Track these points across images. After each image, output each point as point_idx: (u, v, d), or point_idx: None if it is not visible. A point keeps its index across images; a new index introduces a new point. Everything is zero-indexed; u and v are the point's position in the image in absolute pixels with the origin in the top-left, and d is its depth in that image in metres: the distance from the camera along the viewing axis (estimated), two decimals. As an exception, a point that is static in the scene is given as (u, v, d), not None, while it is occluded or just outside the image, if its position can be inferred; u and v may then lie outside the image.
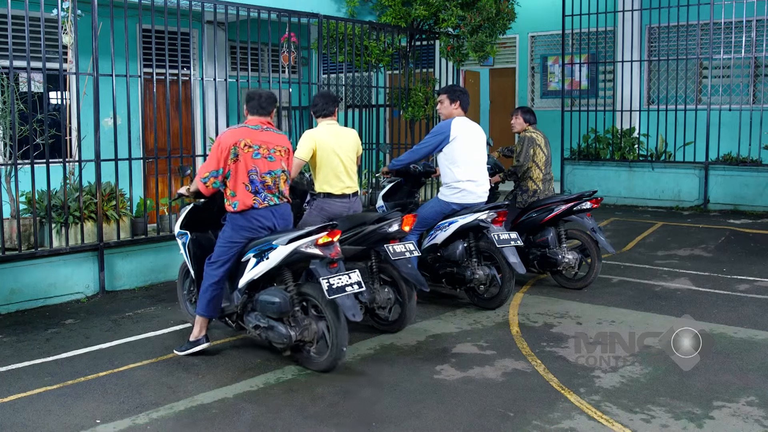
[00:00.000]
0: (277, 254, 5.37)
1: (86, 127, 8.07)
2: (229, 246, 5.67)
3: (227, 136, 5.60)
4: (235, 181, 5.56)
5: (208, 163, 5.62)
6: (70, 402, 5.04)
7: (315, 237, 5.35)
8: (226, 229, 5.70)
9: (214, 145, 5.61)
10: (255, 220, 5.60)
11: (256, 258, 5.52)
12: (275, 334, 5.46)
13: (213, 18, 9.22)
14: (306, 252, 5.34)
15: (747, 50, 12.63)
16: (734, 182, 12.49)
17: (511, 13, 11.81)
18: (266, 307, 5.45)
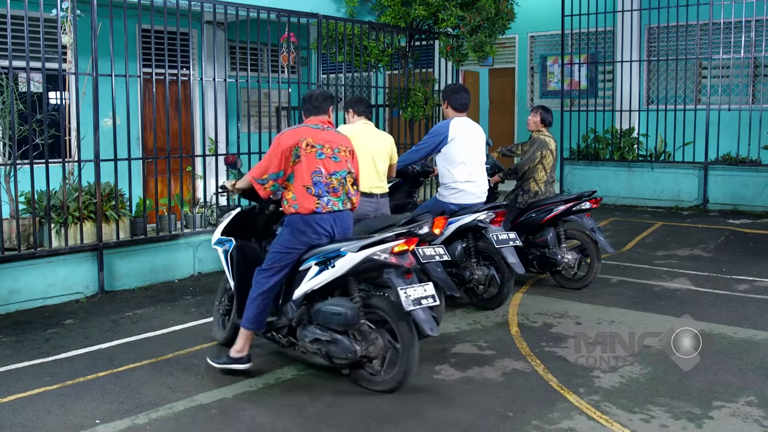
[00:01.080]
0: (346, 262, 4.98)
1: (85, 127, 8.07)
2: (287, 252, 5.24)
3: (288, 135, 5.21)
4: (297, 183, 5.16)
5: (265, 163, 5.21)
6: (70, 402, 5.04)
7: (391, 245, 4.96)
8: (283, 234, 5.29)
9: (273, 145, 5.23)
10: (317, 225, 5.18)
11: (318, 266, 5.10)
12: (339, 349, 5.00)
13: (212, 18, 9.23)
14: (380, 260, 4.96)
15: (746, 50, 12.63)
16: (733, 182, 12.49)
17: (510, 13, 11.82)
18: (330, 318, 5.02)
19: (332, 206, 5.21)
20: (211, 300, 7.59)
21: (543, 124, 8.12)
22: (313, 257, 5.17)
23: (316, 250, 5.18)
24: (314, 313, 5.18)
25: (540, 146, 7.96)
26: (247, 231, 5.91)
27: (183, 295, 7.89)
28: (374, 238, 5.03)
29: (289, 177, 5.20)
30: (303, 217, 5.17)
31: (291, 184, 5.19)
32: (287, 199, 5.22)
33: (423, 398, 4.94)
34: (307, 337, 5.20)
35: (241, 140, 9.21)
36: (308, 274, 5.16)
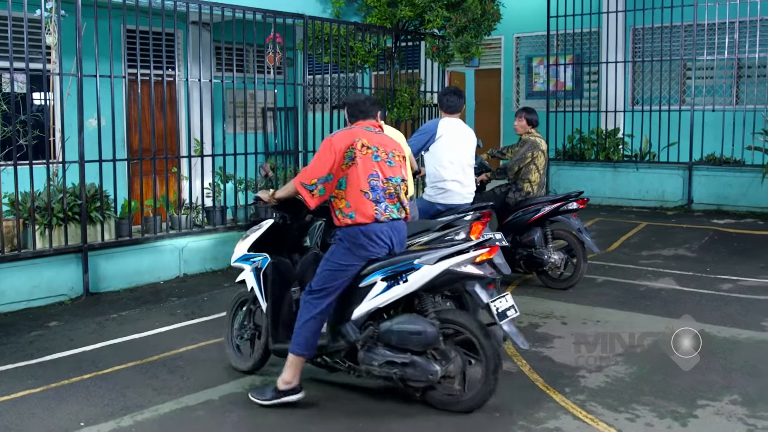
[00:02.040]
0: (421, 276, 4.56)
1: (70, 128, 8.03)
2: (343, 270, 4.72)
3: (341, 136, 4.78)
4: (351, 188, 4.69)
5: (314, 166, 4.74)
6: (54, 405, 5.00)
7: (473, 255, 4.60)
8: (338, 250, 4.75)
9: (322, 147, 4.77)
10: (377, 237, 4.71)
11: (386, 282, 4.64)
12: (418, 371, 4.56)
13: (198, 18, 9.19)
14: (461, 272, 4.60)
15: (730, 51, 12.71)
16: (717, 182, 12.57)
17: (496, 14, 11.85)
18: (408, 339, 4.57)
19: (390, 213, 4.76)
20: (197, 301, 7.59)
21: (531, 126, 8.14)
22: (378, 272, 4.69)
23: (378, 264, 4.71)
24: (383, 333, 4.67)
25: (531, 147, 7.98)
26: (277, 245, 5.36)
27: (168, 296, 7.86)
28: (451, 248, 4.66)
29: (341, 182, 4.71)
30: (362, 228, 4.68)
31: (343, 190, 4.71)
32: (340, 209, 4.73)
33: (410, 398, 4.93)
34: (376, 360, 4.68)
35: (227, 141, 9.18)
36: (372, 291, 4.68)
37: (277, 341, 5.13)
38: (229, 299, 7.58)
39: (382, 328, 4.70)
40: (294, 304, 5.14)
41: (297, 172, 10.04)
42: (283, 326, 5.13)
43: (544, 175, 8.13)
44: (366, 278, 4.72)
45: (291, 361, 4.81)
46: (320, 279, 4.76)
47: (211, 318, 7.05)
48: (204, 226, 9.03)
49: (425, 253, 4.64)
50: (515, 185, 8.08)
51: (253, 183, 9.75)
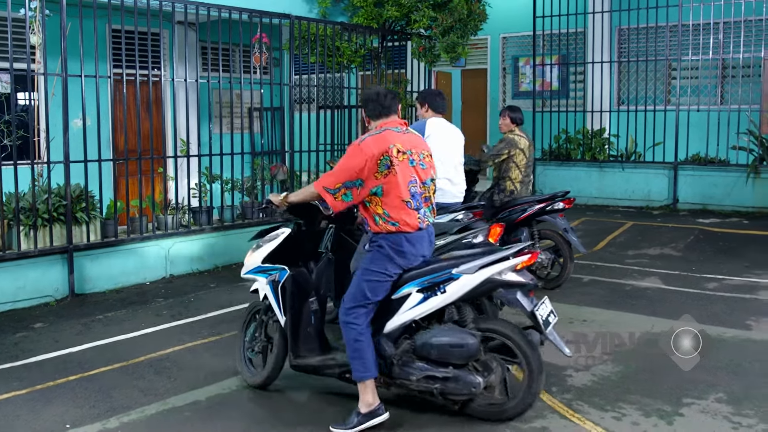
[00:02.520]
0: (461, 286, 4.39)
1: (55, 129, 7.98)
2: (385, 280, 4.48)
3: (372, 142, 4.46)
4: (390, 197, 4.43)
5: (340, 171, 4.46)
6: (39, 407, 4.97)
7: (514, 262, 4.43)
8: (376, 258, 4.49)
9: (351, 153, 4.49)
10: (419, 244, 4.51)
11: (422, 293, 4.45)
12: (460, 385, 4.40)
13: (183, 18, 9.16)
14: (503, 281, 4.44)
15: (715, 52, 12.78)
16: (703, 182, 12.63)
17: (482, 15, 11.87)
18: (449, 352, 4.39)
19: (428, 218, 4.60)
20: (183, 302, 7.57)
21: (514, 124, 8.11)
22: (412, 283, 4.48)
23: (412, 274, 4.50)
24: (421, 347, 4.47)
25: (508, 144, 7.95)
26: (292, 255, 5.08)
27: (154, 297, 7.83)
28: (491, 256, 4.47)
29: (377, 190, 4.44)
30: (406, 235, 4.46)
31: (379, 197, 4.45)
32: (377, 215, 4.47)
33: (398, 400, 4.92)
34: (413, 374, 4.49)
35: (213, 141, 9.15)
36: (407, 302, 4.48)
37: (298, 356, 4.88)
38: (216, 300, 7.62)
39: (418, 341, 4.49)
40: (312, 316, 4.91)
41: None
42: (303, 340, 4.88)
43: (528, 173, 8.08)
44: (400, 289, 4.50)
45: (363, 387, 4.49)
46: (359, 292, 4.48)
47: (197, 319, 7.03)
48: (190, 227, 9.00)
49: (462, 262, 4.44)
50: (497, 186, 8.07)
51: (239, 183, 9.73)
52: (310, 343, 4.87)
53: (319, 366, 4.85)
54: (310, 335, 4.88)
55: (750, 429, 4.46)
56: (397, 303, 4.51)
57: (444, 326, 4.51)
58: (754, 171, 12.08)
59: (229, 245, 9.27)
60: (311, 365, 4.86)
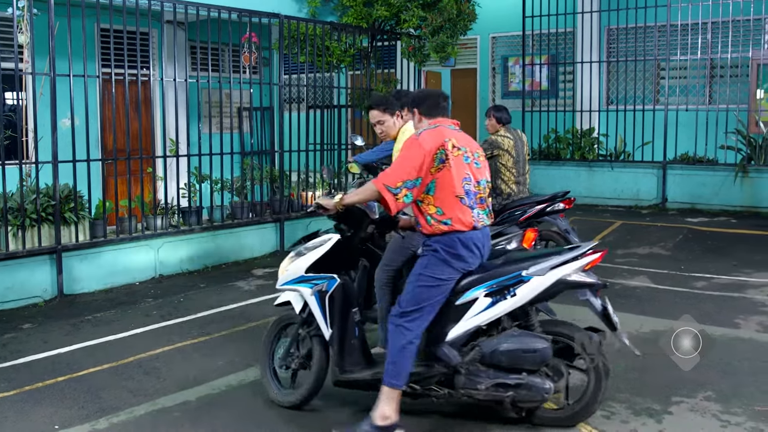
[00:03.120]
0: (532, 289, 4.24)
1: (43, 128, 7.95)
2: (440, 284, 4.25)
3: (429, 135, 4.29)
4: (443, 193, 4.24)
5: (401, 168, 4.23)
6: (28, 408, 4.95)
7: (583, 262, 4.32)
8: (431, 261, 4.27)
9: (408, 148, 4.30)
10: (475, 246, 4.30)
11: (491, 297, 4.26)
12: (533, 392, 4.23)
13: (173, 18, 9.14)
14: (573, 281, 4.31)
15: (703, 52, 12.84)
16: (691, 181, 12.69)
17: (472, 14, 11.88)
18: (521, 359, 4.22)
19: (483, 220, 4.38)
20: (173, 302, 7.54)
21: (500, 124, 7.96)
22: (479, 287, 4.29)
23: (477, 278, 4.31)
24: (489, 354, 4.27)
25: (489, 146, 7.78)
26: (336, 263, 4.76)
27: (144, 297, 7.80)
28: (561, 256, 4.32)
29: (430, 187, 4.25)
30: (460, 236, 4.26)
31: (431, 195, 4.26)
32: (430, 215, 4.27)
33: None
34: (482, 383, 4.28)
35: (202, 141, 9.13)
36: (473, 308, 4.28)
37: (345, 371, 4.59)
38: (206, 300, 7.60)
39: (486, 348, 4.28)
40: (356, 328, 4.66)
41: (273, 172, 10.04)
42: (348, 353, 4.60)
43: (522, 172, 7.95)
44: (465, 294, 4.30)
45: (387, 394, 4.24)
46: (414, 297, 4.25)
47: (187, 319, 7.01)
48: (180, 227, 8.97)
49: (531, 264, 4.28)
50: (493, 190, 7.79)
51: (228, 183, 9.71)
52: (355, 356, 4.61)
53: (372, 381, 4.49)
54: (354, 348, 4.61)
55: (738, 427, 4.48)
56: (461, 309, 4.29)
57: (511, 331, 4.33)
58: (742, 170, 12.14)
59: (218, 245, 9.26)
60: (362, 380, 4.55)
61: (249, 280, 8.48)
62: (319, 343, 4.72)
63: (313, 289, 4.64)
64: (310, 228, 10.39)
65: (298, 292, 4.75)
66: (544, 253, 4.45)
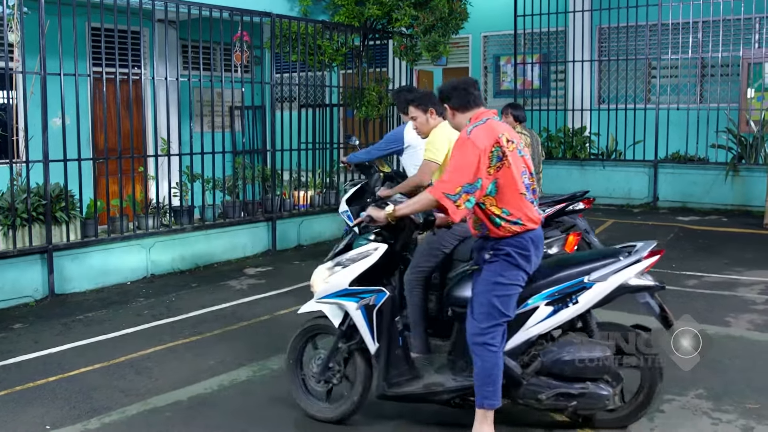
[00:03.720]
0: (595, 295, 4.12)
1: (34, 127, 7.91)
2: (514, 293, 4.03)
3: (482, 133, 3.99)
4: (506, 192, 3.98)
5: (458, 171, 3.93)
6: (19, 408, 4.93)
7: (645, 264, 4.22)
8: (504, 267, 4.02)
9: (463, 148, 3.99)
10: (540, 244, 4.12)
11: (553, 305, 4.11)
12: (594, 399, 4.15)
13: (164, 16, 9.11)
14: (635, 285, 4.22)
15: (694, 51, 12.88)
16: (682, 180, 12.73)
17: (463, 13, 11.88)
18: (585, 368, 4.12)
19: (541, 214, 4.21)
20: (164, 302, 7.53)
21: (517, 122, 7.84)
22: (541, 295, 4.13)
23: (537, 285, 4.14)
24: (551, 363, 4.14)
25: None
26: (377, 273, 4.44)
27: (135, 297, 7.78)
28: (621, 260, 4.21)
29: (491, 189, 3.99)
30: (532, 236, 4.04)
31: (493, 197, 4.00)
32: (496, 216, 4.00)
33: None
34: (542, 392, 4.16)
35: (194, 140, 9.11)
36: (534, 316, 4.11)
37: (392, 385, 4.35)
38: (197, 299, 7.58)
39: (547, 358, 4.14)
40: (401, 338, 4.41)
41: (265, 171, 10.02)
42: (395, 366, 4.37)
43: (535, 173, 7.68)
44: (526, 303, 4.11)
45: (483, 414, 4.08)
46: (491, 309, 3.99)
47: (178, 318, 6.99)
48: (171, 226, 8.95)
49: (591, 269, 4.16)
50: None
51: (220, 182, 9.69)
52: (401, 368, 4.37)
53: (424, 394, 4.33)
54: (399, 358, 4.38)
55: (729, 425, 4.50)
56: (520, 317, 4.11)
57: (571, 338, 4.21)
58: (732, 169, 12.19)
59: (210, 245, 9.24)
60: (413, 393, 4.34)
61: (241, 280, 8.47)
62: (362, 357, 4.48)
63: (359, 303, 4.31)
64: (302, 228, 10.39)
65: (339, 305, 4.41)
66: (597, 256, 4.34)
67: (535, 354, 4.17)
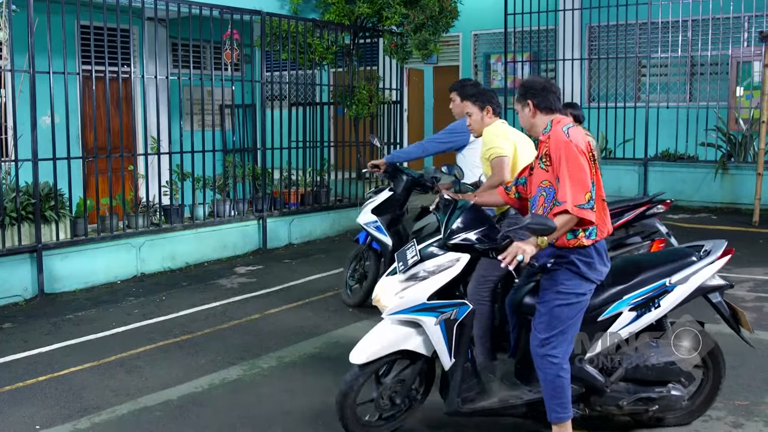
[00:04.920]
0: (676, 298, 4.07)
1: (23, 126, 7.88)
2: (581, 300, 3.85)
3: (578, 135, 3.83)
4: (595, 197, 3.78)
5: (580, 179, 3.70)
6: (8, 408, 4.91)
7: (721, 263, 4.16)
8: (567, 277, 3.84)
9: (572, 152, 3.72)
10: (604, 253, 3.94)
11: (636, 310, 4.02)
12: (672, 401, 4.15)
13: (154, 14, 9.08)
14: (709, 285, 4.18)
15: (683, 49, 12.93)
16: (672, 178, 12.77)
17: (454, 11, 11.90)
18: (668, 371, 4.10)
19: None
20: (155, 300, 7.52)
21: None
22: (624, 300, 4.01)
23: (616, 290, 4.01)
24: (633, 369, 4.09)
25: None
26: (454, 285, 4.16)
27: (125, 296, 7.76)
28: (699, 261, 4.15)
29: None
30: (596, 245, 3.86)
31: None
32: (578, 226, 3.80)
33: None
34: (623, 398, 4.10)
35: (184, 139, 9.09)
36: (618, 322, 4.01)
37: (466, 401, 4.11)
38: (188, 298, 7.56)
39: (629, 364, 4.08)
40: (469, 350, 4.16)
41: (255, 169, 10.00)
42: (465, 380, 4.11)
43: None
44: (609, 309, 3.99)
45: (558, 428, 3.96)
46: (553, 319, 3.82)
47: (169, 317, 6.97)
48: (161, 225, 8.93)
49: (671, 271, 4.09)
50: None
51: (210, 181, 9.67)
52: (470, 382, 4.12)
53: (500, 408, 4.14)
54: (468, 372, 4.12)
55: (719, 421, 4.51)
56: (602, 324, 4.00)
57: (648, 341, 4.14)
58: (722, 167, 12.24)
59: (200, 243, 9.22)
60: (489, 408, 4.13)
61: (231, 279, 8.46)
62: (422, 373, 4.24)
63: (439, 318, 3.97)
64: (292, 226, 10.38)
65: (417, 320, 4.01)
66: (673, 258, 4.24)
67: (619, 360, 4.09)
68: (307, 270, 8.78)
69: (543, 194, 3.89)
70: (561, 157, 3.75)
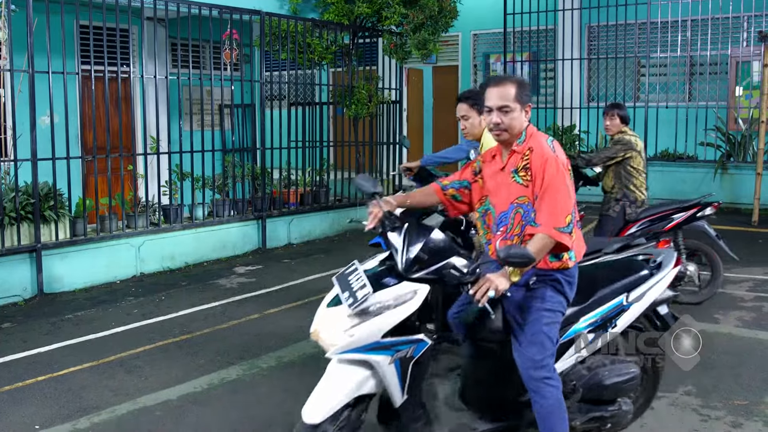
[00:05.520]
0: (631, 315, 3.95)
1: (22, 126, 7.88)
2: (558, 318, 3.63)
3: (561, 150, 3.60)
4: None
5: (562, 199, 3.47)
6: (7, 408, 4.91)
7: (672, 275, 4.09)
8: (550, 294, 3.59)
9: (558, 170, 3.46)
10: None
11: (594, 332, 3.86)
12: (621, 416, 4.02)
13: (153, 14, 9.08)
14: (663, 299, 4.09)
15: (683, 49, 12.93)
16: (671, 178, 12.77)
17: (453, 11, 11.90)
18: (621, 389, 3.93)
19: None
20: (154, 300, 7.52)
21: (624, 123, 7.32)
22: (582, 322, 3.83)
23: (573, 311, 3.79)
24: (589, 389, 3.90)
25: (625, 146, 7.06)
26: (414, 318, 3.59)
27: (125, 296, 7.76)
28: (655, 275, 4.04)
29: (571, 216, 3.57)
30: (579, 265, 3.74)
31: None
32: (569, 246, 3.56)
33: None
34: (578, 419, 3.91)
35: (183, 138, 9.09)
36: (575, 346, 3.83)
37: None
38: (187, 298, 7.56)
39: (584, 384, 3.89)
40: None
41: (255, 169, 10.00)
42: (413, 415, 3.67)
43: (645, 177, 7.26)
44: (569, 332, 3.79)
45: None
46: (544, 341, 3.54)
47: (168, 317, 6.97)
48: (161, 225, 8.93)
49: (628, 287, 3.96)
50: (626, 197, 7.12)
51: (210, 180, 9.67)
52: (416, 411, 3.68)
53: None
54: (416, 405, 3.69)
55: (718, 421, 4.52)
56: (563, 347, 3.78)
57: (602, 359, 3.96)
58: (721, 167, 12.25)
59: (200, 243, 9.22)
60: None
61: (231, 278, 8.46)
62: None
63: (394, 357, 3.50)
64: (291, 226, 10.38)
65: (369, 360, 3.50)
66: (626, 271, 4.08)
67: (574, 384, 3.90)
68: (306, 270, 8.79)
69: (520, 211, 3.57)
70: (545, 173, 3.46)
